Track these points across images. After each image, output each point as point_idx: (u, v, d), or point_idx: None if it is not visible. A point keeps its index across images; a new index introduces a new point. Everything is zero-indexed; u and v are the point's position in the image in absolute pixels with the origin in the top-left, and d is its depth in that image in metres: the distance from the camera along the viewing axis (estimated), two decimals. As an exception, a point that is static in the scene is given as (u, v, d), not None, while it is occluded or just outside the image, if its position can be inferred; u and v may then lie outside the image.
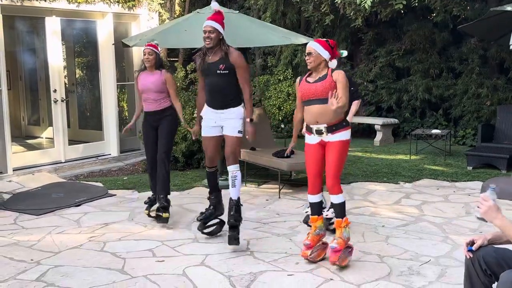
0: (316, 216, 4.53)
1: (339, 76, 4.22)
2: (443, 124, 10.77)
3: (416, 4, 7.99)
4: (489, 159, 7.90)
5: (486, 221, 2.73)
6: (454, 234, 5.06)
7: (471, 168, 7.96)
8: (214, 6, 4.88)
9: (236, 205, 4.83)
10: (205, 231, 5.08)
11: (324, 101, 4.18)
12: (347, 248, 4.37)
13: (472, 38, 10.16)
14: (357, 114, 6.11)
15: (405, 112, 11.16)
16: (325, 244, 4.51)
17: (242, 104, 4.85)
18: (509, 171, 7.41)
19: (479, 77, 10.22)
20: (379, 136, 10.59)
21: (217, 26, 4.68)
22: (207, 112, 4.92)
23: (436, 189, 6.92)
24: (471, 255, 2.84)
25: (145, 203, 5.70)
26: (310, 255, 4.42)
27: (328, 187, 4.33)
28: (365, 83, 11.30)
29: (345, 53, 4.50)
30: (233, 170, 4.81)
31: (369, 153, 9.48)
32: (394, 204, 6.22)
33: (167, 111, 5.51)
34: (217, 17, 4.75)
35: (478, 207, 2.73)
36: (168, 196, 5.54)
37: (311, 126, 4.34)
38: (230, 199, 4.84)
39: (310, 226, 4.75)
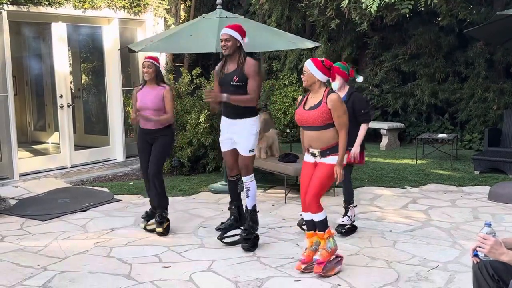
0: (312, 232, 4.40)
1: (334, 104, 4.10)
2: (449, 128, 10.72)
3: (422, 8, 7.96)
4: (496, 164, 7.86)
5: (491, 259, 2.68)
6: (462, 239, 5.03)
7: (478, 172, 7.92)
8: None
9: (251, 215, 4.87)
10: (225, 240, 4.99)
11: (317, 128, 4.16)
12: (336, 258, 4.32)
13: (478, 42, 10.12)
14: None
15: (411, 117, 11.12)
16: None
17: (257, 116, 4.81)
18: (516, 176, 7.38)
19: (485, 81, 10.18)
20: (385, 140, 10.56)
21: (233, 33, 4.67)
22: (222, 123, 4.96)
23: (443, 193, 6.88)
24: (478, 260, 2.81)
25: (142, 217, 5.59)
26: (304, 269, 4.32)
27: (306, 203, 4.28)
28: (370, 87, 11.28)
29: (360, 78, 4.39)
30: (247, 181, 4.86)
31: (375, 158, 9.44)
32: (401, 209, 6.19)
33: (165, 130, 5.29)
34: (235, 25, 4.76)
35: (479, 247, 2.66)
36: (167, 209, 5.44)
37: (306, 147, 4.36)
38: (246, 208, 4.92)
39: (304, 229, 4.82)
